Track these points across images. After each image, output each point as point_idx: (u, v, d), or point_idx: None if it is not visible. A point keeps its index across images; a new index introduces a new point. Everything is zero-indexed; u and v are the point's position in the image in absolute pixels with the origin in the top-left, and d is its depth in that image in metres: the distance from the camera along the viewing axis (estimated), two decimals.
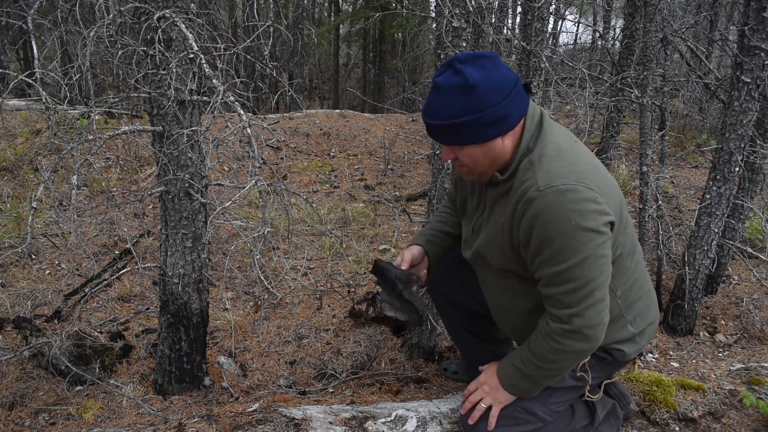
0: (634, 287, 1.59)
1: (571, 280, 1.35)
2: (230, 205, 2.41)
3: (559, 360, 1.45)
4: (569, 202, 1.30)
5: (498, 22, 5.04)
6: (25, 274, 3.48)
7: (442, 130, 1.39)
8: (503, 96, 1.35)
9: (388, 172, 5.70)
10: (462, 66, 1.35)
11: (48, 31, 6.95)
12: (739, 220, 3.11)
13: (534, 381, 1.52)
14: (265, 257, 3.69)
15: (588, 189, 1.32)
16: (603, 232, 1.33)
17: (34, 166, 4.84)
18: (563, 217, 1.30)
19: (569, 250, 1.32)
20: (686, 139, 6.63)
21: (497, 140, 1.40)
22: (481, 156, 1.43)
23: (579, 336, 1.39)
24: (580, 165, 1.38)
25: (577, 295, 1.36)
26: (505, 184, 1.46)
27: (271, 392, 2.45)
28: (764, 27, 2.38)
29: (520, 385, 1.55)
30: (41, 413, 2.38)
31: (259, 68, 6.96)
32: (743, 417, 1.96)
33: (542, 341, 1.45)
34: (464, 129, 1.37)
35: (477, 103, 1.33)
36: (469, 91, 1.33)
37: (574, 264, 1.33)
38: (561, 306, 1.39)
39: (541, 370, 1.48)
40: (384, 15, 7.87)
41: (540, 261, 1.38)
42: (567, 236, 1.31)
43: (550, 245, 1.33)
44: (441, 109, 1.37)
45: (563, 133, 1.48)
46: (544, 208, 1.32)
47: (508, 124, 1.39)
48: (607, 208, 1.34)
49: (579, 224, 1.30)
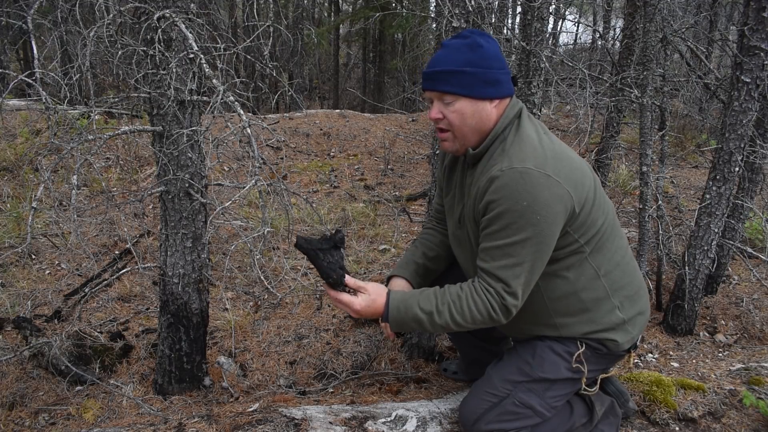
0: (619, 270, 1.62)
1: (511, 254, 1.45)
2: (230, 205, 2.41)
3: (455, 313, 1.50)
4: (524, 184, 1.40)
5: (498, 22, 5.04)
6: (25, 274, 3.48)
7: (443, 75, 1.49)
8: (501, 65, 1.51)
9: (388, 172, 5.70)
10: (470, 33, 1.52)
11: (48, 31, 6.95)
12: (739, 220, 3.11)
13: (421, 322, 1.54)
14: (265, 257, 3.69)
15: (544, 175, 1.41)
16: (550, 220, 1.42)
17: (34, 166, 4.84)
18: (517, 196, 1.40)
19: (515, 227, 1.42)
20: (686, 139, 6.63)
21: (487, 102, 1.51)
22: (470, 114, 1.51)
23: (502, 306, 1.48)
24: (545, 152, 1.47)
25: (513, 271, 1.45)
26: (479, 165, 1.56)
27: (271, 392, 2.45)
28: (764, 27, 2.38)
29: (406, 323, 1.56)
30: (41, 413, 2.38)
31: (259, 68, 6.96)
32: (743, 417, 1.96)
33: (461, 294, 1.51)
34: (464, 77, 1.48)
35: (481, 60, 1.48)
36: (476, 49, 1.48)
37: (517, 241, 1.43)
38: (494, 279, 1.48)
39: (431, 310, 1.52)
40: (384, 15, 7.87)
41: (486, 234, 1.48)
42: (516, 214, 1.41)
43: (499, 220, 1.44)
44: (446, 59, 1.50)
45: (536, 127, 1.57)
46: (502, 186, 1.42)
47: (501, 91, 1.52)
48: (564, 195, 1.43)
49: (529, 206, 1.40)
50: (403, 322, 1.57)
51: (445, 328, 1.54)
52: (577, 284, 1.57)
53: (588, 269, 1.57)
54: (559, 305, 1.59)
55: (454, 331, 1.56)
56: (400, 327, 1.59)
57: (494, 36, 3.67)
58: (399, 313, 1.56)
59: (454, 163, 1.74)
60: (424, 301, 1.55)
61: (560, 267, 1.56)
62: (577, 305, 1.59)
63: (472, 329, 1.55)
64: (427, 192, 4.78)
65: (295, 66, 9.66)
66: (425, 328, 1.56)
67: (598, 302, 1.59)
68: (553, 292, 1.58)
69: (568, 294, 1.58)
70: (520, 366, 1.65)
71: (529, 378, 1.63)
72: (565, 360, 1.62)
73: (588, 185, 1.51)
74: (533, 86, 2.59)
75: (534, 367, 1.63)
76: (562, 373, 1.62)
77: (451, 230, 1.76)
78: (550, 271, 1.56)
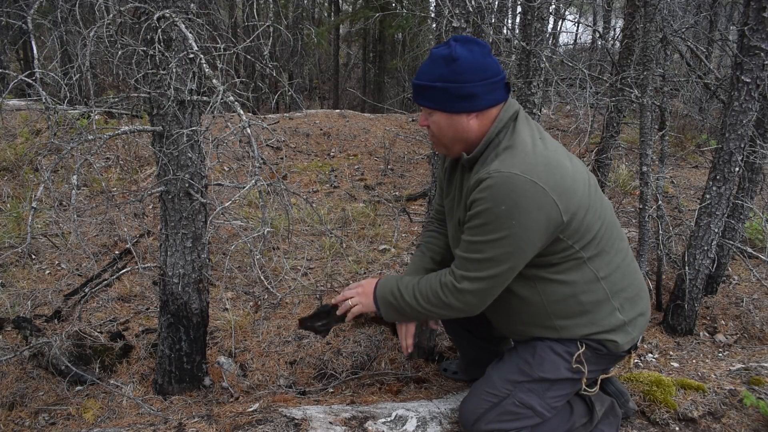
0: (619, 272, 1.62)
1: (480, 251, 1.50)
2: (230, 205, 2.41)
3: (430, 304, 1.61)
4: (508, 189, 1.43)
5: (498, 22, 5.04)
6: (25, 274, 3.48)
7: (420, 90, 1.56)
8: (478, 78, 1.50)
9: (388, 172, 5.70)
10: (455, 43, 1.52)
11: (48, 31, 6.95)
12: (739, 220, 3.11)
13: (400, 307, 1.68)
14: (265, 257, 3.69)
15: (530, 182, 1.43)
16: (529, 227, 1.44)
17: (34, 166, 4.84)
18: (499, 199, 1.44)
19: (491, 227, 1.46)
20: (686, 139, 6.63)
21: (462, 116, 1.54)
22: (446, 126, 1.57)
23: (460, 296, 1.55)
24: (536, 158, 1.48)
25: (479, 265, 1.51)
26: (473, 169, 1.59)
27: (271, 392, 2.45)
28: (764, 27, 2.38)
29: (388, 300, 1.70)
30: (41, 413, 2.38)
31: (259, 68, 6.96)
32: (743, 417, 1.96)
33: (433, 281, 1.61)
34: (436, 93, 1.53)
35: (452, 75, 1.50)
36: (450, 62, 1.49)
37: (490, 240, 1.47)
38: (463, 268, 1.54)
39: (413, 302, 1.64)
40: (384, 15, 7.87)
41: (466, 227, 1.54)
42: (494, 215, 1.45)
43: (477, 218, 1.48)
44: (424, 73, 1.55)
45: (532, 130, 1.58)
46: (487, 187, 1.46)
47: (476, 104, 1.52)
48: (547, 204, 1.44)
49: (509, 210, 1.43)
50: (385, 299, 1.70)
51: (411, 306, 1.64)
52: (576, 287, 1.57)
53: (587, 273, 1.56)
54: (558, 308, 1.59)
55: (420, 312, 1.65)
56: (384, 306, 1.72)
57: (494, 36, 3.68)
58: (383, 289, 1.71)
59: (454, 165, 1.75)
60: (402, 280, 1.70)
61: (557, 271, 1.56)
62: (576, 308, 1.58)
63: (437, 313, 1.63)
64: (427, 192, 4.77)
65: (295, 66, 9.66)
66: (400, 306, 1.67)
67: (598, 304, 1.59)
68: (552, 296, 1.58)
69: (567, 297, 1.57)
70: (521, 366, 1.65)
71: (529, 378, 1.63)
72: (565, 360, 1.62)
73: (581, 192, 1.51)
74: (533, 86, 2.59)
75: (534, 367, 1.63)
76: (562, 373, 1.62)
77: (451, 232, 1.76)
78: (548, 275, 1.56)
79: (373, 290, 1.75)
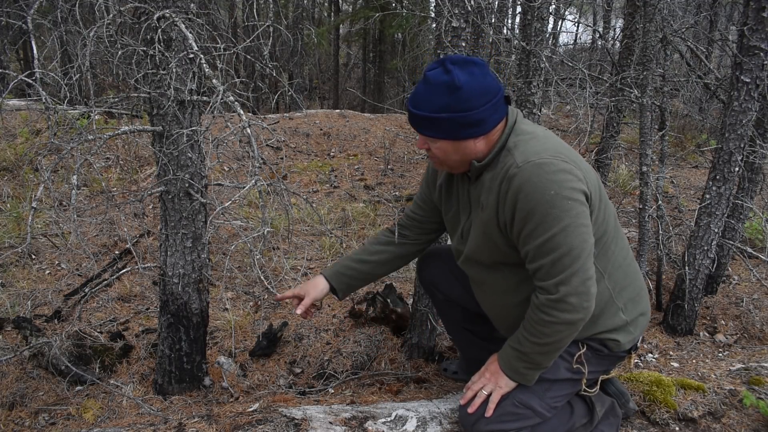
0: (621, 272, 1.62)
1: (555, 249, 1.40)
2: (230, 205, 2.41)
3: (550, 333, 1.48)
4: (547, 174, 1.39)
5: (497, 22, 5.04)
6: (25, 274, 3.48)
7: (421, 120, 1.48)
8: (483, 102, 1.43)
9: (388, 172, 5.70)
10: (453, 66, 1.42)
11: (48, 31, 6.95)
12: (739, 220, 3.11)
13: (530, 360, 1.55)
14: (265, 257, 3.69)
15: (563, 161, 1.41)
16: (581, 201, 1.41)
17: (34, 166, 4.84)
18: (543, 188, 1.38)
19: (551, 219, 1.38)
20: (686, 139, 6.63)
21: (470, 141, 1.48)
22: (452, 152, 1.51)
23: (565, 305, 1.43)
24: (554, 143, 1.48)
25: (562, 263, 1.41)
26: (487, 175, 1.53)
27: (271, 392, 2.45)
28: (764, 27, 2.38)
29: (517, 366, 1.57)
30: (41, 413, 2.38)
31: (259, 68, 6.96)
32: (743, 417, 1.96)
33: (533, 315, 1.49)
34: (441, 124, 1.45)
35: (458, 104, 1.42)
36: (455, 91, 1.41)
37: (557, 232, 1.39)
38: (547, 277, 1.44)
39: (535, 346, 1.51)
40: (384, 15, 7.87)
41: (525, 235, 1.44)
42: (548, 205, 1.38)
43: (533, 216, 1.40)
44: (425, 101, 1.45)
45: (535, 125, 1.57)
46: (525, 182, 1.40)
47: (483, 129, 1.47)
48: (583, 178, 1.43)
49: (558, 193, 1.37)
50: (516, 370, 1.59)
51: (540, 352, 1.53)
52: None
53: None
54: None
55: (550, 347, 1.52)
56: (522, 372, 1.59)
57: (494, 36, 3.68)
58: (506, 359, 1.61)
59: (450, 180, 1.72)
60: (512, 340, 1.58)
61: None
62: None
63: (561, 338, 1.50)
64: None
65: (295, 66, 9.66)
66: (533, 360, 1.55)
67: (604, 304, 1.58)
68: None
69: None
70: None
71: None
72: (565, 360, 1.62)
73: (595, 178, 1.52)
74: (533, 86, 2.59)
75: None
76: (561, 373, 1.62)
77: (455, 245, 1.76)
78: None
79: (499, 369, 1.61)
